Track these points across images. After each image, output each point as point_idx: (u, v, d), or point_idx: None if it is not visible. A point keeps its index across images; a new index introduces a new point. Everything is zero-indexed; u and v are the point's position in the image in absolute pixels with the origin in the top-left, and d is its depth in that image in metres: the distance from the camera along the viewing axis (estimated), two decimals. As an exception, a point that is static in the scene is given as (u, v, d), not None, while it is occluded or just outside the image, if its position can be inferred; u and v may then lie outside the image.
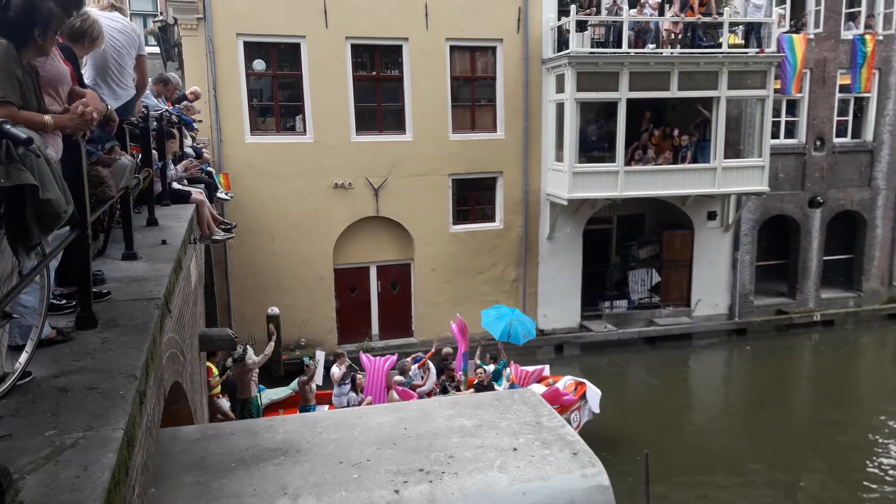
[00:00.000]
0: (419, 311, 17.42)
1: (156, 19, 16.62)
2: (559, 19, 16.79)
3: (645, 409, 14.46)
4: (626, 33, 16.01)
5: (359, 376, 12.31)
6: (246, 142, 15.72)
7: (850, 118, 19.81)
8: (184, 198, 6.88)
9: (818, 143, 19.34)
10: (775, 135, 18.53)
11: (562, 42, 16.64)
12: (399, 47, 16.34)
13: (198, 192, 7.19)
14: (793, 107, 19.22)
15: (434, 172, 16.83)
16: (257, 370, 11.57)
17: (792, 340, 18.89)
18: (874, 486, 11.47)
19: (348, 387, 12.02)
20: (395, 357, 13.32)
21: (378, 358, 13.16)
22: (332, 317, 16.80)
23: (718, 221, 18.85)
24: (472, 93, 17.27)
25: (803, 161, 19.29)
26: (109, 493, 1.92)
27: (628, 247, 19.45)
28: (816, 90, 19.03)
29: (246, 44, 15.50)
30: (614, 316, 18.40)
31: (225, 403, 11.06)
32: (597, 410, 12.35)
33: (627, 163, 16.68)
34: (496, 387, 11.71)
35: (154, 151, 6.22)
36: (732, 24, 17.01)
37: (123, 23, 4.87)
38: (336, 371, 12.12)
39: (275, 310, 15.60)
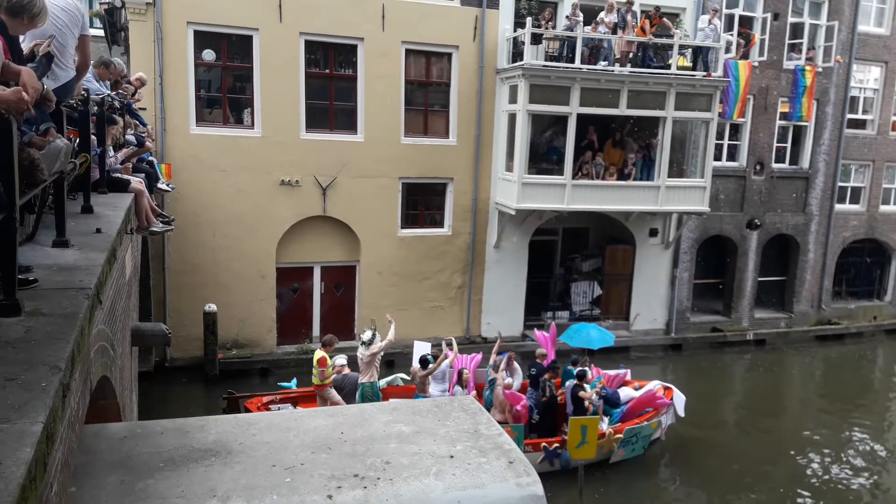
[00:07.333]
0: (363, 314, 17.26)
1: (102, 1, 16.06)
2: (515, 30, 16.96)
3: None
4: (579, 49, 16.26)
5: (465, 371, 12.33)
6: (190, 132, 15.33)
7: (788, 145, 20.58)
8: (122, 186, 6.66)
9: (758, 167, 20.01)
10: (718, 157, 19.10)
11: (517, 53, 16.81)
12: (354, 47, 16.22)
13: (137, 182, 6.98)
14: (736, 131, 19.86)
15: (384, 175, 16.74)
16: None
17: (725, 357, 19.44)
18: (798, 496, 11.88)
19: (446, 383, 11.94)
20: (480, 355, 13.46)
21: (465, 355, 13.26)
22: (271, 316, 16.49)
23: (659, 238, 19.31)
24: (426, 98, 17.25)
25: (743, 184, 19.93)
26: (24, 490, 1.82)
27: (572, 259, 19.74)
28: (758, 116, 19.70)
29: (196, 33, 15.15)
30: (556, 326, 18.56)
31: (336, 395, 11.19)
32: (682, 414, 12.74)
33: (574, 176, 16.93)
34: (588, 388, 12.12)
35: (93, 136, 5.99)
36: (682, 47, 17.47)
37: (67, 0, 4.68)
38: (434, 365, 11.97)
39: (212, 307, 15.26)
